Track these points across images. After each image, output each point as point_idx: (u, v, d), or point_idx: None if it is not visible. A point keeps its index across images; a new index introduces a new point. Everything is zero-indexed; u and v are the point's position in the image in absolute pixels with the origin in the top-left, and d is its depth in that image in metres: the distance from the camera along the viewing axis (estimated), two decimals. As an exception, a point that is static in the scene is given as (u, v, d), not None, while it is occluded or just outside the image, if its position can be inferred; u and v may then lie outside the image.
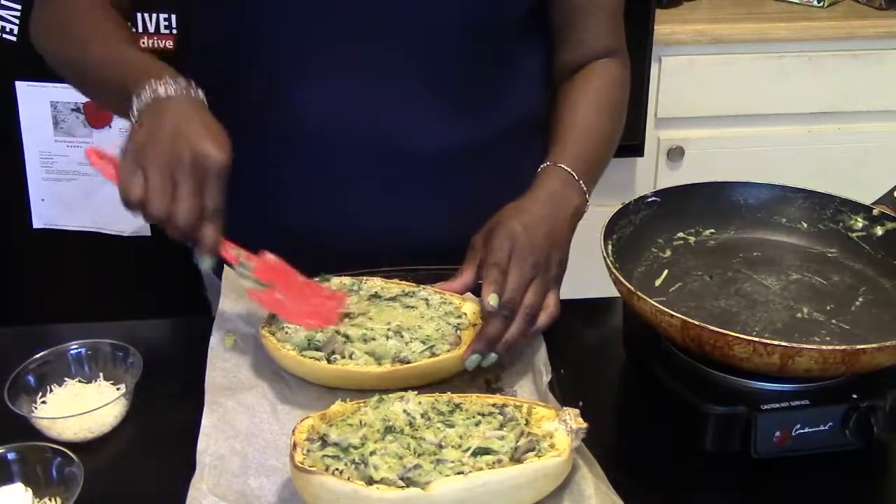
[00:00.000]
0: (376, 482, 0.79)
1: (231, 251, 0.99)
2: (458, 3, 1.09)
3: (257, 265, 1.00)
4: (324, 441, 0.84)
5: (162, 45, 1.74)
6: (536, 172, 1.10)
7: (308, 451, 0.83)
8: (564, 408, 0.88)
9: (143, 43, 1.79)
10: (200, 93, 0.99)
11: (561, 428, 0.86)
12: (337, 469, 0.81)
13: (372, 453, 0.82)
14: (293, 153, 1.16)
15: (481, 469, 0.81)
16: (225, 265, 1.12)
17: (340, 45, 1.10)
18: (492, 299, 0.96)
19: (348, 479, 0.80)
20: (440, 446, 0.83)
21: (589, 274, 1.13)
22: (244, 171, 1.04)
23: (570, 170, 1.08)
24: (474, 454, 0.83)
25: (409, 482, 0.80)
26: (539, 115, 1.22)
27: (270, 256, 1.02)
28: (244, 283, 1.01)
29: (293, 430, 0.85)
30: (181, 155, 0.92)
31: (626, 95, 1.22)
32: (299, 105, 1.13)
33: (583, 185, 1.09)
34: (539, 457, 0.83)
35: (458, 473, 0.80)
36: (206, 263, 0.96)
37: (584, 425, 0.86)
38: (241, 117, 1.16)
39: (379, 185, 1.16)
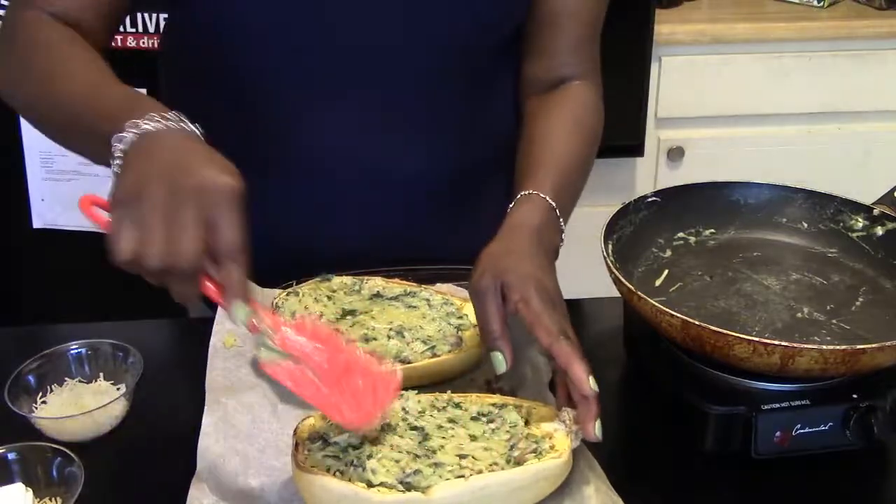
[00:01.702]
0: (375, 486, 0.79)
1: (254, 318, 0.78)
2: (447, 33, 1.08)
3: (285, 341, 0.80)
4: (324, 441, 0.84)
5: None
6: (517, 199, 1.02)
7: (309, 450, 0.83)
8: (564, 408, 0.88)
9: (143, 43, 1.80)
10: (195, 127, 0.84)
11: (560, 428, 0.86)
12: (338, 470, 0.81)
13: (369, 456, 0.82)
14: (285, 180, 1.15)
15: (481, 471, 0.81)
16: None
17: (332, 75, 1.09)
18: (592, 383, 0.85)
19: (349, 480, 0.80)
20: (437, 450, 0.83)
21: (589, 274, 1.13)
22: (248, 200, 1.04)
23: (551, 202, 1.02)
24: (475, 457, 0.83)
25: (409, 486, 0.80)
26: (514, 136, 1.19)
27: (308, 319, 0.84)
28: (260, 355, 0.80)
29: (295, 430, 0.85)
30: (181, 187, 0.74)
31: (599, 122, 1.16)
32: (292, 133, 1.12)
33: (561, 223, 1.03)
34: (539, 458, 0.83)
35: (459, 477, 0.80)
36: (240, 313, 0.77)
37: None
38: (231, 146, 1.16)
39: (371, 209, 1.16)
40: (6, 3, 1.72)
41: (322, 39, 1.07)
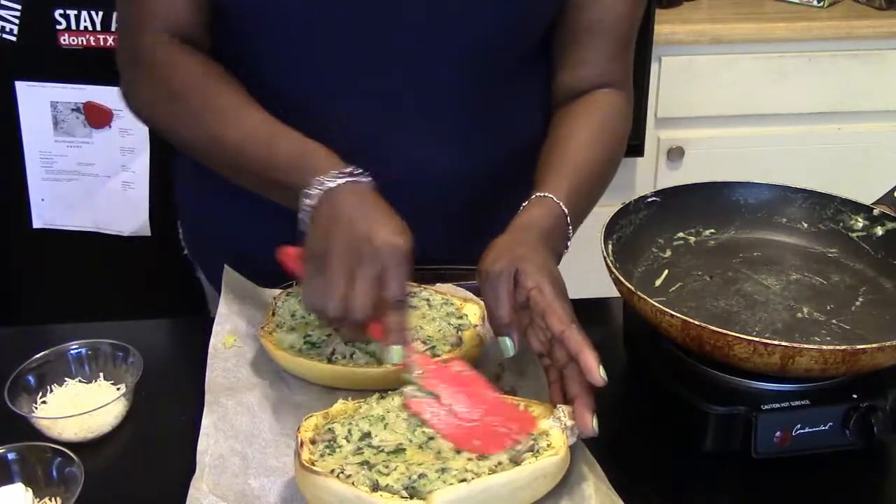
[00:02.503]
0: (381, 488, 0.79)
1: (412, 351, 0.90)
2: (464, 36, 1.08)
3: (427, 376, 0.90)
4: (331, 432, 0.84)
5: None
6: (530, 199, 1.03)
7: (321, 454, 0.83)
8: (559, 405, 0.88)
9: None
10: (367, 178, 0.94)
11: (556, 426, 0.86)
12: (342, 472, 0.80)
13: (380, 450, 0.82)
14: None
15: (482, 473, 0.81)
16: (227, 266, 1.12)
17: (350, 75, 1.09)
18: (602, 372, 0.87)
19: (353, 483, 0.79)
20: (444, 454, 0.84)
21: (589, 274, 1.13)
22: (250, 195, 1.04)
23: (564, 208, 1.01)
24: (480, 458, 0.83)
25: (413, 492, 0.80)
26: (540, 139, 1.19)
27: (458, 365, 0.92)
28: (405, 391, 0.89)
29: (298, 429, 0.85)
30: (361, 248, 0.88)
31: (627, 130, 1.17)
32: (308, 131, 1.11)
33: (569, 230, 1.02)
34: (536, 457, 0.83)
35: (462, 481, 0.80)
36: (395, 356, 0.89)
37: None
38: None
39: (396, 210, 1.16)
40: (8, 3, 1.72)
41: (351, 39, 1.07)
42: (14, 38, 1.75)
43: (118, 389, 0.99)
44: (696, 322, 0.90)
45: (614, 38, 1.14)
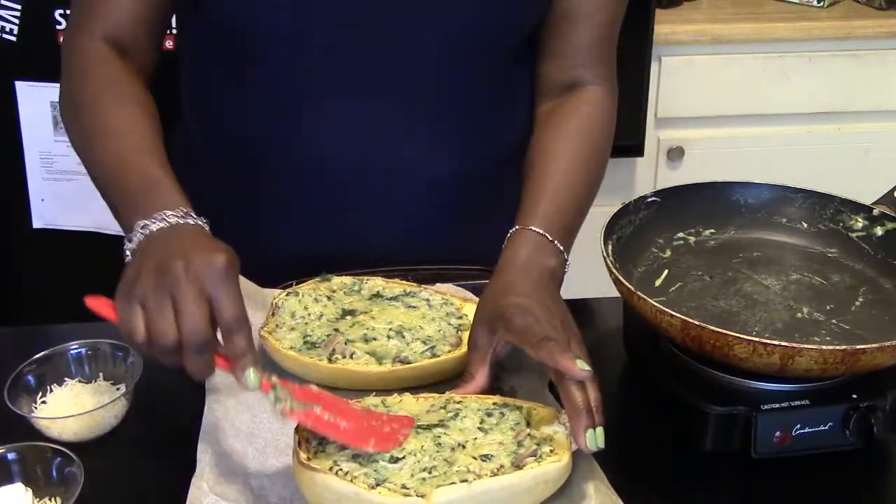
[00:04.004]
0: (380, 483, 0.79)
1: (263, 377, 0.82)
2: (458, 35, 1.08)
3: (296, 390, 0.83)
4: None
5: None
6: (507, 237, 1.02)
7: (314, 451, 0.83)
8: (563, 411, 0.88)
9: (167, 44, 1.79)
10: (200, 220, 0.89)
11: (560, 430, 0.86)
12: (340, 469, 0.81)
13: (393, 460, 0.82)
14: (295, 180, 1.15)
15: (483, 475, 0.81)
16: None
17: (342, 73, 1.09)
18: (581, 364, 0.85)
19: (351, 480, 0.79)
20: (461, 446, 0.84)
21: (589, 274, 1.13)
22: (245, 199, 1.04)
23: (541, 232, 1.01)
24: (483, 459, 0.83)
25: (412, 489, 0.79)
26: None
27: (313, 387, 0.86)
28: (279, 407, 0.82)
29: (296, 428, 0.85)
30: (175, 271, 0.79)
31: (611, 131, 1.15)
32: (302, 134, 1.12)
33: (558, 245, 1.01)
34: (539, 462, 0.83)
35: (463, 481, 0.80)
36: (251, 380, 0.80)
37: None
38: (241, 146, 1.16)
39: (382, 210, 1.16)
40: (8, 3, 1.72)
41: (341, 38, 1.07)
42: (14, 38, 1.75)
43: (118, 389, 0.99)
44: (696, 322, 0.90)
45: (593, 27, 1.13)
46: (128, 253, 0.87)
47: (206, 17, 1.09)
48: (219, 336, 0.81)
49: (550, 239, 1.01)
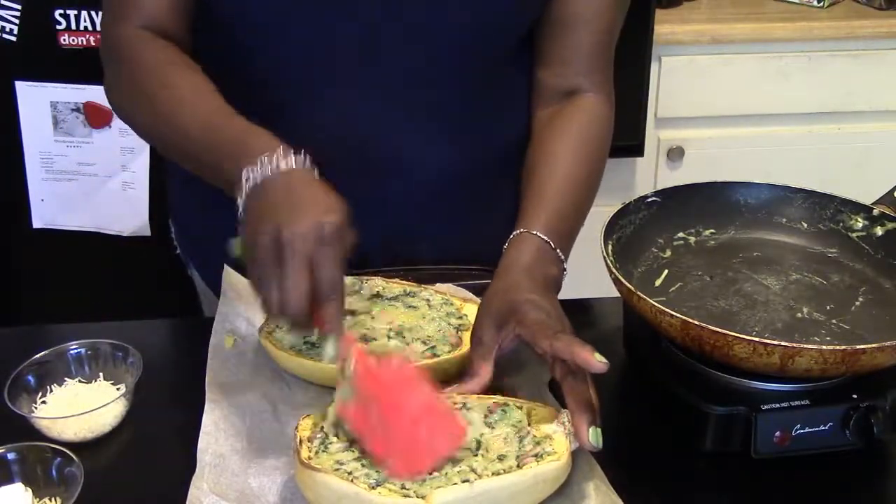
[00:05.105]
0: (380, 484, 0.79)
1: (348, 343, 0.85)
2: (457, 27, 1.08)
3: (366, 374, 0.84)
4: (338, 426, 0.84)
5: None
6: (510, 239, 1.02)
7: (316, 451, 0.83)
8: (563, 410, 0.88)
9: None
10: (304, 157, 0.90)
11: (559, 430, 0.86)
12: (344, 468, 0.81)
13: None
14: None
15: (484, 475, 0.81)
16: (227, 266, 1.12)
17: (340, 68, 1.09)
18: (598, 357, 0.85)
19: (352, 480, 0.80)
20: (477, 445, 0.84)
21: (589, 274, 1.13)
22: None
23: (544, 238, 1.01)
24: (493, 459, 0.83)
25: (412, 490, 0.80)
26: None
27: (398, 359, 0.87)
28: (337, 389, 0.86)
29: (296, 427, 0.85)
30: (285, 238, 0.82)
31: (608, 138, 1.15)
32: (300, 127, 1.12)
33: (559, 254, 1.02)
34: (538, 461, 0.83)
35: (465, 481, 0.80)
36: (329, 348, 0.87)
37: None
38: None
39: (379, 205, 1.16)
40: (8, 3, 1.73)
41: (339, 35, 1.07)
42: (14, 38, 1.75)
43: (118, 389, 0.99)
44: (696, 322, 0.90)
45: (591, 34, 1.13)
46: (240, 205, 0.88)
47: (207, 7, 1.10)
48: None
49: (553, 246, 1.02)
